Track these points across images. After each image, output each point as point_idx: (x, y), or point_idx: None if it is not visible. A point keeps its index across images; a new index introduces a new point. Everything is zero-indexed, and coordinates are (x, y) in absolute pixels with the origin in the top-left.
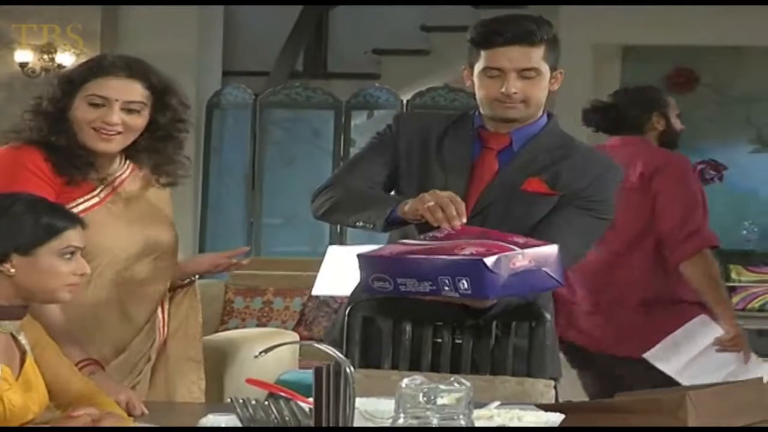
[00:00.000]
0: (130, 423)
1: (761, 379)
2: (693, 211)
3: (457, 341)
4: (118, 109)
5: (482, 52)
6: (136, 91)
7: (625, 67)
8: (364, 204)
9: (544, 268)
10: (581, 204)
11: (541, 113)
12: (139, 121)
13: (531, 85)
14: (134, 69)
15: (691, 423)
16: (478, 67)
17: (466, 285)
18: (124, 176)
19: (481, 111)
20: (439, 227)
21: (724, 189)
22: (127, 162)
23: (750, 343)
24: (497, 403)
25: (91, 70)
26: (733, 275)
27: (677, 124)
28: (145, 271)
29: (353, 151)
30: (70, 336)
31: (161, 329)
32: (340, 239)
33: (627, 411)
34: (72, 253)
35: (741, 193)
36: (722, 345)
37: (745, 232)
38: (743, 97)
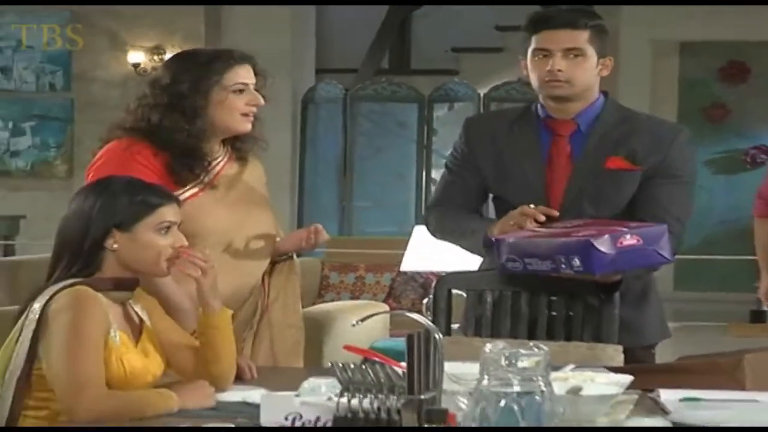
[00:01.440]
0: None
1: None
2: None
3: (544, 311)
4: (254, 91)
5: (533, 38)
6: (253, 76)
7: (682, 61)
8: (460, 232)
9: (652, 246)
10: (667, 174)
11: (597, 95)
12: (262, 102)
13: (575, 65)
14: (251, 59)
15: (749, 384)
16: (530, 51)
17: (578, 263)
18: (223, 162)
19: (542, 99)
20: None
21: None
22: (226, 148)
23: None
24: (572, 366)
25: (226, 61)
26: None
27: None
28: (247, 248)
29: (435, 140)
30: (184, 308)
31: (263, 300)
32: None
33: (687, 372)
34: (168, 228)
35: None
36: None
37: None
38: None
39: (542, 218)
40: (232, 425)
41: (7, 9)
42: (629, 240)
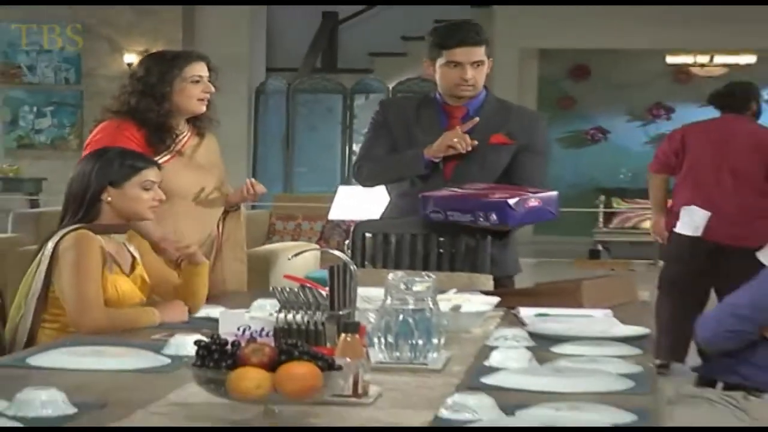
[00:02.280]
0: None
1: (631, 273)
2: None
3: (434, 249)
4: (207, 82)
5: (445, 51)
6: (206, 71)
7: (540, 64)
8: (397, 164)
9: (548, 207)
10: (533, 150)
11: (482, 89)
12: (213, 90)
13: (478, 72)
14: (206, 58)
15: (585, 303)
16: (441, 61)
17: (495, 218)
18: (187, 136)
19: (442, 93)
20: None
21: (609, 146)
22: (189, 125)
23: (623, 250)
24: (454, 290)
25: (185, 59)
26: (615, 204)
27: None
28: (206, 200)
29: (356, 122)
30: (165, 242)
31: (218, 240)
32: (347, 182)
33: (540, 294)
34: (150, 185)
35: (619, 149)
36: None
37: (621, 176)
38: (619, 84)
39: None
40: (203, 338)
41: (30, 17)
42: (533, 202)
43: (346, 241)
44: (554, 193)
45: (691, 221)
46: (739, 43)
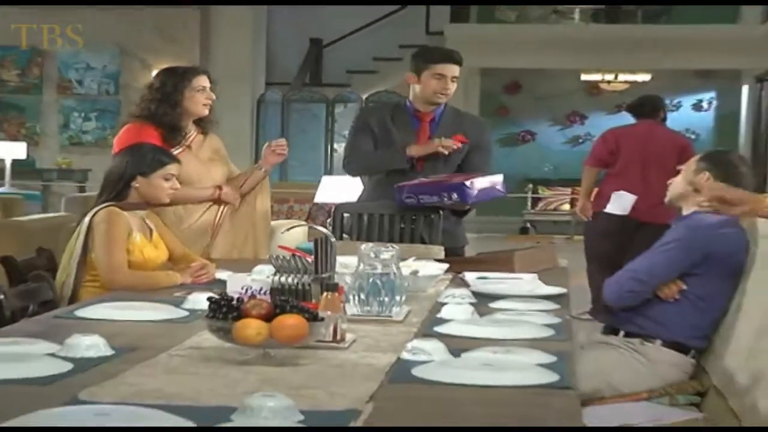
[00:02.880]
0: (214, 267)
1: (552, 246)
2: None
3: (397, 226)
4: (209, 91)
5: (432, 65)
6: (208, 82)
7: (482, 80)
8: (383, 158)
9: (497, 187)
10: (480, 148)
11: None
12: (214, 97)
13: (453, 85)
14: (207, 72)
15: (516, 269)
16: (427, 73)
17: (456, 196)
18: (194, 135)
19: (419, 100)
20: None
21: (535, 146)
22: (195, 126)
23: (546, 227)
24: (413, 258)
25: (193, 73)
26: (540, 191)
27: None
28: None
29: (336, 126)
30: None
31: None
32: (329, 172)
33: (481, 262)
34: (171, 177)
35: (543, 148)
36: None
37: (546, 169)
38: (544, 96)
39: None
40: (214, 295)
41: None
42: (484, 183)
43: (328, 220)
44: (500, 175)
45: (620, 204)
46: (638, 65)
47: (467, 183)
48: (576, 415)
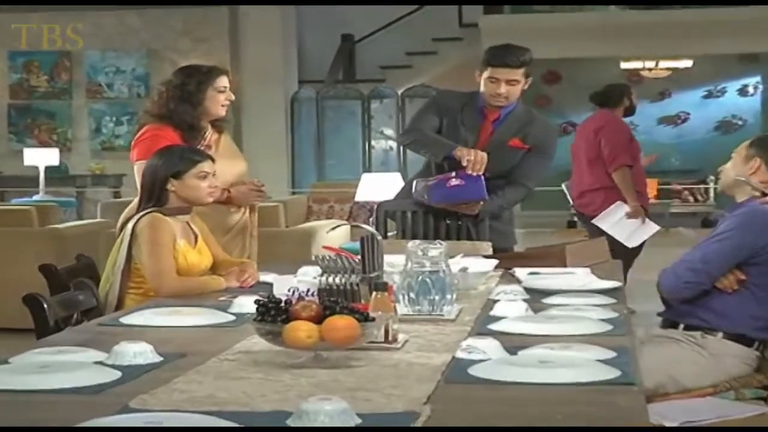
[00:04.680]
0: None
1: (604, 239)
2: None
3: (443, 222)
4: (229, 91)
5: (488, 67)
6: (228, 83)
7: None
8: (434, 143)
9: (472, 187)
10: (541, 152)
11: (517, 100)
12: (233, 97)
13: (512, 88)
14: (227, 72)
15: (568, 263)
16: (485, 74)
17: (427, 197)
18: (210, 133)
19: (483, 97)
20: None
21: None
22: (209, 126)
23: None
24: (461, 255)
25: (217, 73)
26: None
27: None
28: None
29: (372, 122)
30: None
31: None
32: (369, 170)
33: (531, 257)
34: (206, 175)
35: None
36: (629, 215)
37: None
38: (584, 86)
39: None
40: (258, 297)
41: (107, 46)
42: (454, 182)
43: (370, 218)
44: (478, 175)
45: (568, 195)
46: (679, 51)
47: (431, 183)
48: (642, 412)
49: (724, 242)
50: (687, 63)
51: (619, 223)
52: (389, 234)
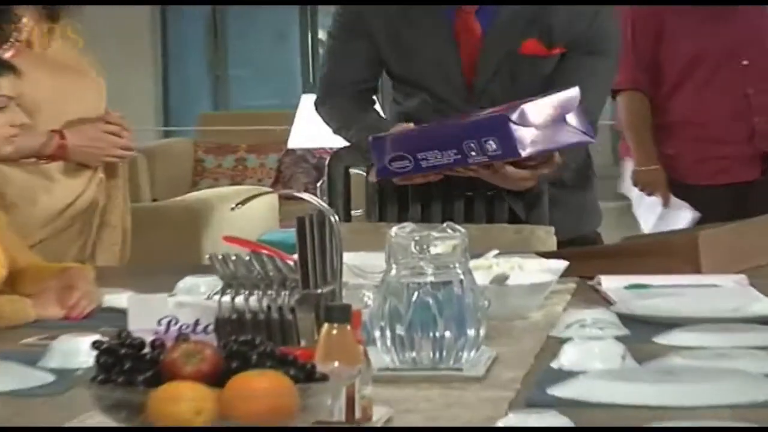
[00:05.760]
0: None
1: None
2: None
3: (458, 190)
4: None
5: None
6: None
7: None
8: (361, 130)
9: (568, 115)
10: (589, 48)
11: None
12: None
13: None
14: None
15: (705, 267)
16: None
17: (494, 145)
18: (29, 26)
19: None
20: None
21: None
22: (33, 12)
23: None
24: (495, 251)
25: None
26: None
27: None
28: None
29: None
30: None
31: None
32: (313, 87)
33: (633, 254)
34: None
35: None
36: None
37: None
38: None
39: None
40: (103, 338)
41: None
42: (546, 110)
43: (319, 183)
44: (573, 89)
45: None
46: None
47: (512, 115)
48: None
49: None
50: None
51: None
52: (354, 213)
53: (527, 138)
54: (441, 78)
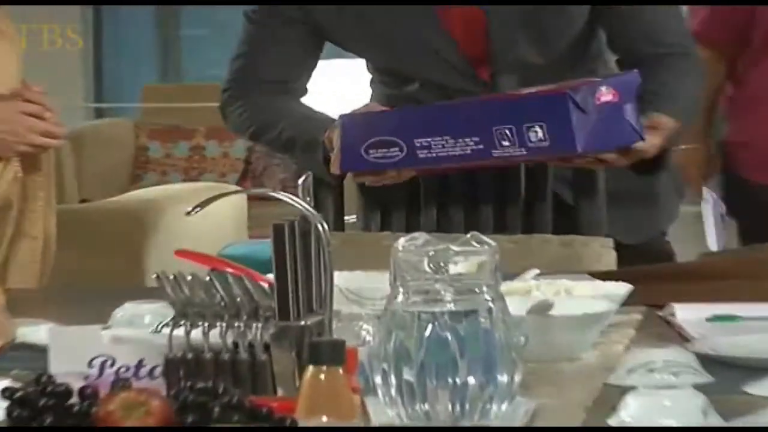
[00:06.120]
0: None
1: None
2: None
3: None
4: None
5: None
6: None
7: None
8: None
9: (626, 105)
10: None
11: None
12: None
13: None
14: None
15: None
16: None
17: (540, 134)
18: None
19: None
20: None
21: None
22: None
23: None
24: (536, 271)
25: None
26: None
27: None
28: None
29: None
30: None
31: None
32: None
33: (717, 275)
34: None
35: None
36: None
37: None
38: None
39: None
40: (14, 383)
41: None
42: (605, 96)
43: (301, 179)
44: (632, 73)
45: None
46: None
47: (577, 96)
48: None
49: None
50: None
51: None
52: (348, 219)
53: (584, 128)
54: (431, 62)
